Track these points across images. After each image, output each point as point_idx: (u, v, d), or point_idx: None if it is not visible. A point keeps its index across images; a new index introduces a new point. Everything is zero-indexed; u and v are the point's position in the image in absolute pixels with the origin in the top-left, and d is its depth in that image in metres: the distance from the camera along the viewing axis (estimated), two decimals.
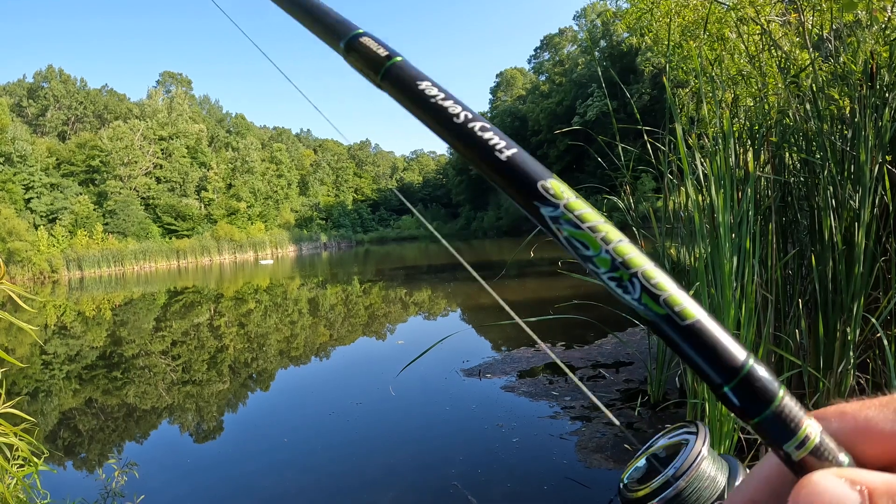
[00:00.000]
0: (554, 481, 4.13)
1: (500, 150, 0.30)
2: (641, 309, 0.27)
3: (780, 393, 0.26)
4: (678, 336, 0.27)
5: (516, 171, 0.30)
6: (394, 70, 0.34)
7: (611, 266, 0.27)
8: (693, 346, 0.27)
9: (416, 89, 0.33)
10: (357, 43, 0.37)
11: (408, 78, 0.34)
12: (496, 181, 0.30)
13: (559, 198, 0.29)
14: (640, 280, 0.27)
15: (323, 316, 14.68)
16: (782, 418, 0.26)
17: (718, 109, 3.87)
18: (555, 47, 74.73)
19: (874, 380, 3.73)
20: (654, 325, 0.27)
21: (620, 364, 6.92)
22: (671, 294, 0.27)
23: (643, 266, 0.27)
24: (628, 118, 5.51)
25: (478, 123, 0.31)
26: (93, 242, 52.66)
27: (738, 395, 0.26)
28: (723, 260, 3.31)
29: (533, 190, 0.29)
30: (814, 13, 4.73)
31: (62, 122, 68.75)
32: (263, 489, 4.44)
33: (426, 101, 0.33)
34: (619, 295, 0.28)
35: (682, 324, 0.27)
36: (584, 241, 0.28)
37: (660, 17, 6.78)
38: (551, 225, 0.29)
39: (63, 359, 11.19)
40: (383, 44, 0.36)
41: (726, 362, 0.26)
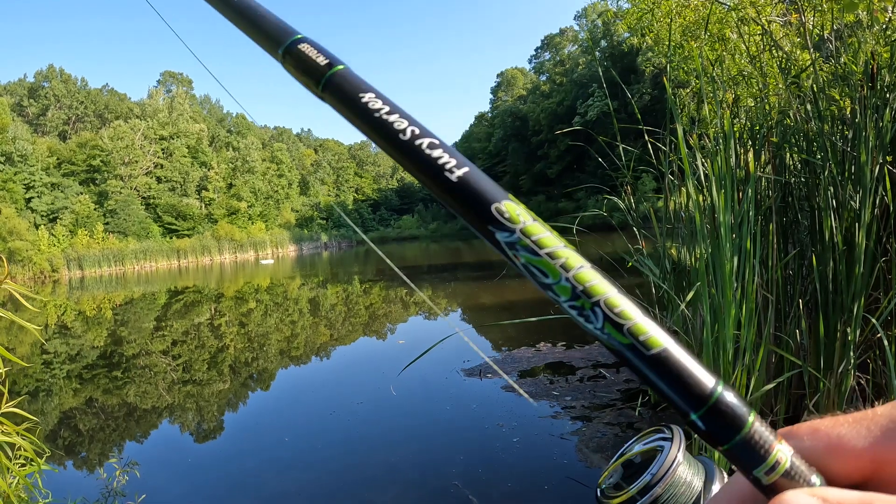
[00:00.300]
0: (554, 481, 4.14)
1: (450, 170, 0.28)
2: (605, 338, 0.26)
3: (749, 419, 0.26)
4: (644, 365, 0.26)
5: (468, 193, 0.27)
6: (335, 80, 0.31)
7: (571, 294, 0.26)
8: (659, 375, 0.26)
9: (358, 102, 0.30)
10: (296, 50, 0.34)
11: (350, 89, 0.31)
12: (447, 203, 0.28)
13: (515, 222, 0.27)
14: (602, 309, 0.26)
15: (323, 315, 14.68)
16: (752, 444, 0.25)
17: (719, 110, 3.87)
18: (555, 47, 74.75)
19: (874, 380, 3.74)
20: (618, 353, 0.26)
21: (621, 364, 6.91)
22: (636, 323, 0.26)
23: (606, 294, 0.26)
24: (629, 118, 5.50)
25: (426, 140, 0.29)
26: (93, 242, 52.70)
27: (706, 423, 0.26)
28: (723, 260, 3.31)
29: (487, 213, 0.27)
30: (815, 13, 4.73)
31: (63, 122, 68.78)
32: (264, 488, 4.45)
33: (370, 115, 0.30)
34: (582, 324, 0.27)
35: (648, 353, 0.26)
36: (542, 269, 0.26)
37: (661, 17, 6.78)
38: (507, 251, 0.27)
39: (63, 358, 11.20)
40: (324, 51, 0.33)
41: (694, 390, 0.26)
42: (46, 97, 68.00)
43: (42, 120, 67.38)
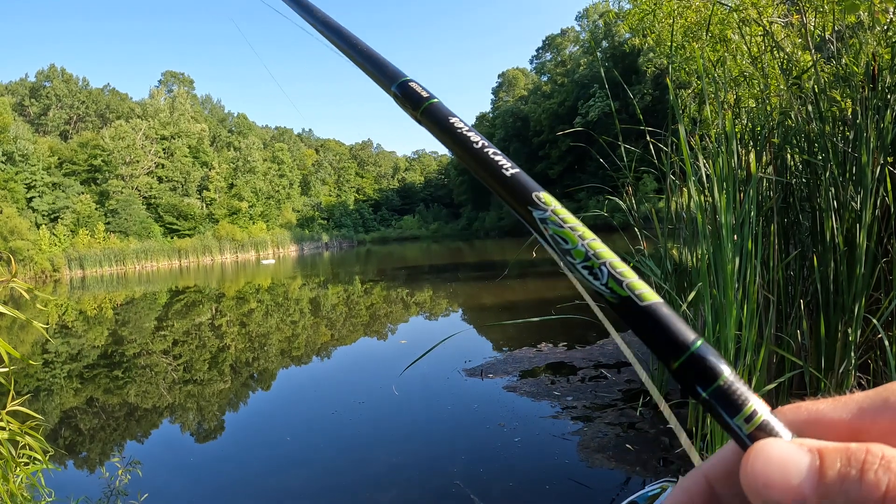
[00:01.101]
0: (556, 481, 4.14)
1: (506, 169, 0.39)
2: (607, 292, 0.32)
3: (725, 371, 0.29)
4: (637, 316, 0.31)
5: (517, 184, 0.38)
6: (431, 109, 0.45)
7: (584, 257, 0.34)
8: (649, 324, 0.31)
9: (447, 123, 0.43)
10: (405, 86, 0.48)
11: (441, 115, 0.44)
12: (500, 192, 0.38)
13: (548, 204, 0.36)
14: (607, 268, 0.33)
15: (325, 315, 14.69)
16: (728, 394, 0.28)
17: (721, 110, 3.88)
18: (557, 48, 74.68)
19: (875, 380, 3.74)
20: (617, 306, 0.32)
21: (622, 364, 6.93)
22: (633, 281, 0.32)
23: (611, 258, 0.33)
24: (630, 119, 5.51)
25: (491, 149, 0.40)
26: (94, 241, 52.74)
27: (686, 370, 0.29)
28: (725, 261, 3.31)
29: (529, 198, 0.37)
30: (816, 15, 4.73)
31: (64, 122, 68.83)
32: (266, 487, 4.46)
33: (454, 132, 0.42)
34: (590, 281, 0.33)
35: (641, 304, 0.31)
36: (564, 237, 0.35)
37: (662, 18, 6.79)
38: (539, 225, 0.36)
39: (65, 357, 11.21)
40: (424, 88, 0.47)
41: (677, 339, 0.30)
42: (48, 97, 68.05)
43: (43, 119, 67.43)
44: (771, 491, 0.25)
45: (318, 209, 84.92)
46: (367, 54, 0.55)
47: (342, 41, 0.59)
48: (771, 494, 0.25)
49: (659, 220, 5.15)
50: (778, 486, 0.25)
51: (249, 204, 70.57)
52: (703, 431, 4.03)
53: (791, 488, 0.24)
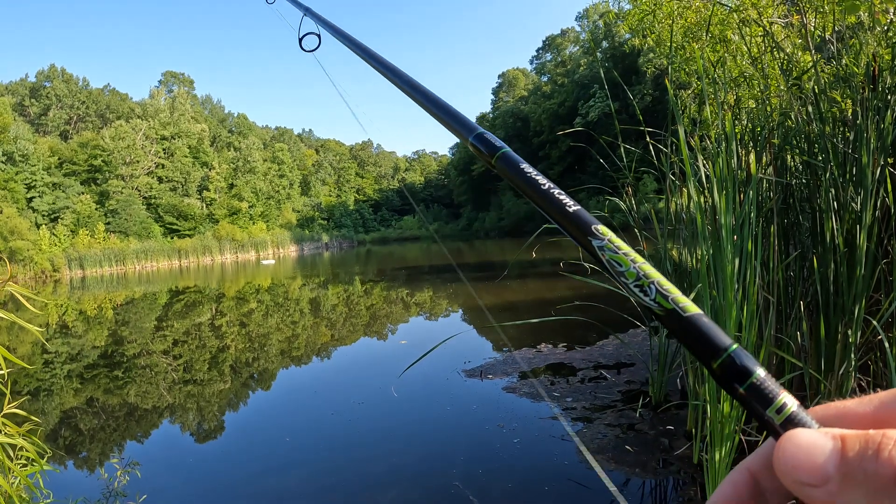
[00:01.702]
0: (555, 482, 4.14)
1: (568, 206, 0.46)
2: (656, 306, 0.38)
3: (758, 370, 0.34)
4: (681, 325, 0.37)
5: (580, 218, 0.45)
6: (504, 156, 0.53)
7: (636, 277, 0.40)
8: (691, 332, 0.36)
9: (518, 168, 0.51)
10: (482, 137, 0.58)
11: (513, 161, 0.52)
12: (565, 225, 0.45)
13: (605, 235, 0.43)
14: (655, 286, 0.39)
15: (325, 316, 14.69)
16: (762, 389, 0.33)
17: (721, 111, 3.87)
18: (557, 48, 74.69)
19: (875, 382, 3.74)
20: (663, 317, 0.38)
21: (622, 365, 6.93)
22: (677, 296, 0.38)
23: (658, 278, 0.39)
24: (630, 119, 5.51)
25: (555, 189, 0.47)
26: (94, 242, 52.76)
27: (724, 370, 0.34)
28: (725, 262, 3.31)
29: (589, 230, 0.44)
30: (816, 15, 4.73)
31: (64, 122, 68.88)
32: (266, 488, 4.45)
33: (524, 175, 0.50)
34: (640, 297, 0.39)
35: (685, 315, 0.37)
36: (619, 262, 0.41)
37: (662, 18, 6.78)
38: (598, 252, 0.42)
39: (64, 358, 11.20)
40: (495, 138, 0.57)
41: (716, 344, 0.35)
42: (48, 97, 68.09)
43: (43, 119, 67.46)
44: (799, 472, 0.28)
45: (319, 209, 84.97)
46: (446, 109, 0.67)
47: (427, 100, 0.72)
48: (799, 475, 0.28)
49: (659, 221, 5.14)
50: (805, 467, 0.28)
51: (249, 204, 70.61)
52: (702, 433, 4.02)
53: (817, 468, 0.28)
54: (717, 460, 3.27)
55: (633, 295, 0.40)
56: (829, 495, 0.27)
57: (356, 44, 1.08)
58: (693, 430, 4.51)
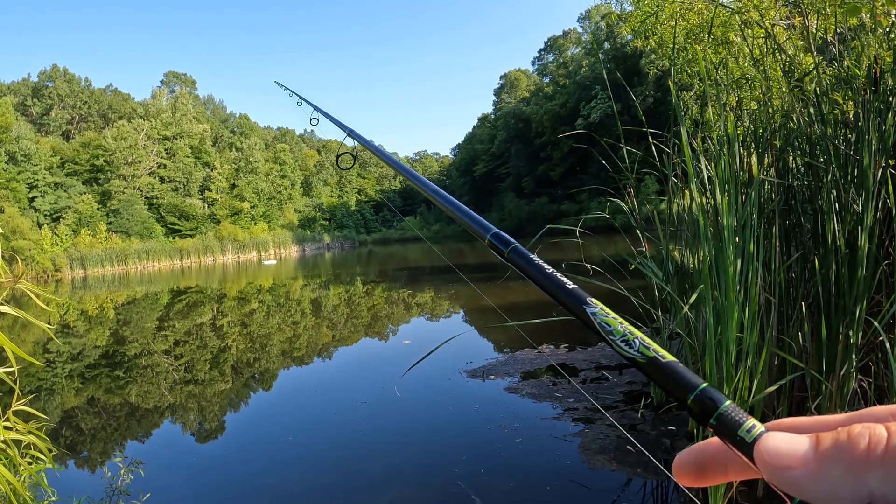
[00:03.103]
0: (557, 482, 4.15)
1: (568, 285, 0.54)
2: (638, 356, 0.45)
3: (725, 401, 0.38)
4: (660, 369, 0.43)
5: (576, 293, 0.52)
6: (515, 250, 0.63)
7: (622, 335, 0.47)
8: (668, 375, 0.42)
9: (528, 258, 0.60)
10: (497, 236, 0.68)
11: (523, 254, 0.62)
12: (565, 300, 0.53)
13: (597, 304, 0.51)
14: (638, 340, 0.46)
15: (326, 316, 14.70)
16: (730, 416, 0.37)
17: (723, 113, 3.88)
18: (559, 49, 74.71)
19: (876, 383, 3.74)
20: (644, 365, 0.44)
21: (624, 366, 6.93)
22: (656, 347, 0.44)
23: (640, 335, 0.46)
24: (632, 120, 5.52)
25: (558, 274, 0.56)
26: (96, 241, 52.79)
27: (697, 404, 0.39)
28: (726, 263, 3.32)
29: (584, 300, 0.51)
30: (818, 17, 4.73)
31: (66, 122, 68.92)
32: (268, 488, 4.46)
33: (533, 264, 0.59)
34: (626, 350, 0.46)
35: (663, 361, 0.43)
36: (608, 323, 0.49)
37: (664, 19, 6.79)
38: (591, 318, 0.50)
39: (66, 357, 11.22)
40: (507, 236, 0.67)
41: (689, 383, 0.40)
42: (50, 97, 68.13)
43: (45, 119, 67.51)
44: (782, 458, 0.32)
45: (320, 210, 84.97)
46: (466, 212, 0.79)
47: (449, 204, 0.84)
48: (782, 461, 0.32)
49: (661, 222, 5.15)
50: (786, 454, 0.32)
51: (251, 204, 70.63)
52: (704, 434, 4.02)
53: (798, 455, 0.31)
54: None
55: (619, 350, 0.47)
56: (811, 475, 0.31)
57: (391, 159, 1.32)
58: (695, 430, 4.52)
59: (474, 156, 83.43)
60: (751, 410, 3.74)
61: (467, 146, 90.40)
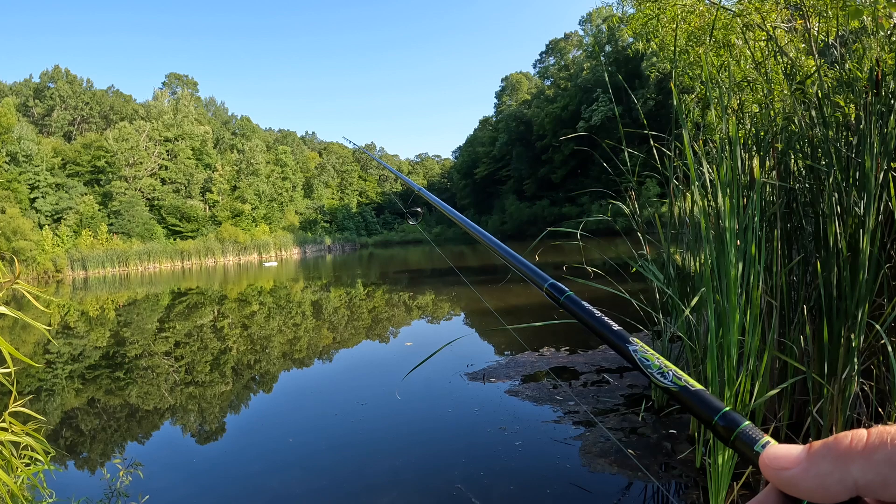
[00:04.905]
0: (557, 485, 4.13)
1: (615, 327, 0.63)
2: (671, 385, 0.53)
3: (744, 422, 0.45)
4: (689, 397, 0.51)
5: (621, 334, 0.62)
6: (569, 298, 0.74)
7: (658, 368, 0.55)
8: (697, 401, 0.50)
9: (580, 305, 0.70)
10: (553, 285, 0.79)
11: (576, 301, 0.72)
12: (612, 341, 0.62)
13: (637, 343, 0.59)
14: (672, 372, 0.54)
15: (327, 318, 14.69)
16: (749, 433, 0.44)
17: (724, 115, 3.87)
18: (560, 52, 74.78)
19: (878, 386, 3.73)
20: (676, 393, 0.52)
21: (625, 369, 6.92)
22: (686, 377, 0.52)
23: (674, 368, 0.54)
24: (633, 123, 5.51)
25: (605, 317, 0.66)
26: (97, 242, 52.84)
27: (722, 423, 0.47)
28: (728, 266, 3.31)
29: (628, 340, 0.60)
30: (819, 20, 4.73)
31: (68, 123, 69.02)
32: (268, 489, 4.45)
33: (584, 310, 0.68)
34: (660, 380, 0.54)
35: (692, 389, 0.51)
36: (647, 359, 0.57)
37: (666, 22, 6.79)
38: (632, 355, 0.59)
39: (66, 358, 11.22)
40: (561, 284, 0.77)
41: (714, 406, 0.48)
42: (52, 98, 68.23)
43: (47, 120, 67.61)
44: (779, 461, 0.38)
45: (321, 212, 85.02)
46: (525, 264, 0.91)
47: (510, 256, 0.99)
48: (779, 463, 0.38)
49: (662, 225, 5.14)
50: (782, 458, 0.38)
51: (252, 206, 70.68)
52: (705, 437, 4.02)
53: (793, 457, 0.37)
54: (720, 464, 3.27)
55: (655, 380, 0.54)
56: (803, 471, 0.36)
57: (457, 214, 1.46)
58: (696, 434, 4.51)
59: (475, 158, 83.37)
60: (752, 414, 3.73)
61: (468, 149, 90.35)
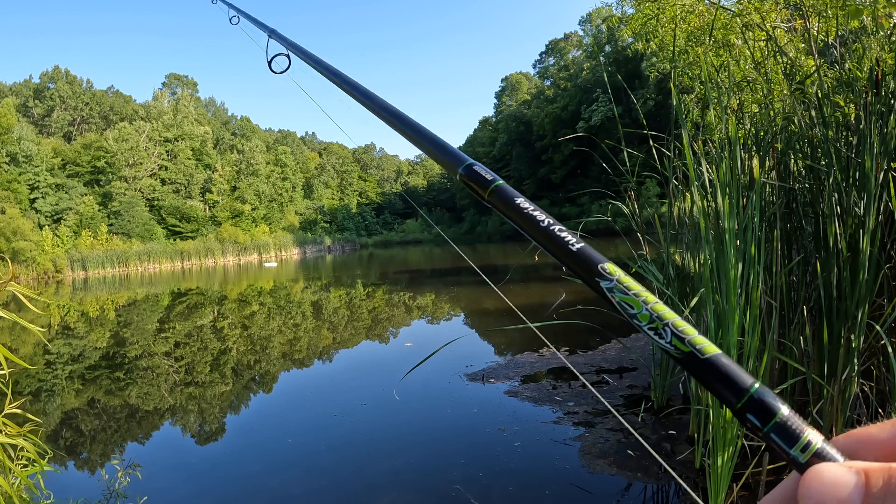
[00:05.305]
0: (556, 486, 4.13)
1: (572, 245, 0.43)
2: (672, 349, 0.37)
3: (782, 408, 0.33)
4: (700, 367, 0.36)
5: (584, 258, 0.42)
6: (497, 190, 0.50)
7: (649, 320, 0.38)
8: (711, 374, 0.35)
9: (514, 203, 0.48)
10: (471, 170, 0.55)
11: (508, 196, 0.49)
12: (569, 265, 0.43)
13: (613, 275, 0.40)
14: (670, 328, 0.37)
15: (327, 319, 14.69)
16: (786, 427, 0.32)
17: (724, 115, 3.87)
18: (560, 52, 74.79)
19: (878, 387, 3.73)
20: (681, 360, 0.36)
21: (624, 370, 6.91)
22: (694, 336, 0.36)
23: (673, 318, 0.37)
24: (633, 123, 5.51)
25: (557, 226, 0.45)
26: (97, 243, 52.84)
27: (748, 411, 0.33)
28: (728, 266, 3.30)
29: (595, 270, 0.41)
30: (819, 19, 4.73)
31: (68, 123, 68.99)
32: (268, 489, 4.45)
33: (521, 212, 0.47)
34: (656, 340, 0.37)
35: (703, 357, 0.35)
36: (630, 304, 0.39)
37: (665, 22, 6.78)
38: (607, 294, 0.40)
39: (66, 359, 11.22)
40: (488, 170, 0.53)
41: (737, 385, 0.34)
42: (52, 98, 68.21)
43: (47, 121, 67.60)
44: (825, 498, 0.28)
45: (321, 212, 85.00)
46: (433, 140, 0.64)
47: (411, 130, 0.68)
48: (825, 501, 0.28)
49: (662, 225, 5.14)
50: (830, 501, 0.28)
51: (252, 206, 70.68)
52: (704, 438, 4.01)
53: (842, 501, 0.28)
54: (720, 465, 3.26)
55: (648, 337, 0.38)
56: None
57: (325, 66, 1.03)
58: (695, 434, 4.50)
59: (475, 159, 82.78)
60: None
61: (468, 149, 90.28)
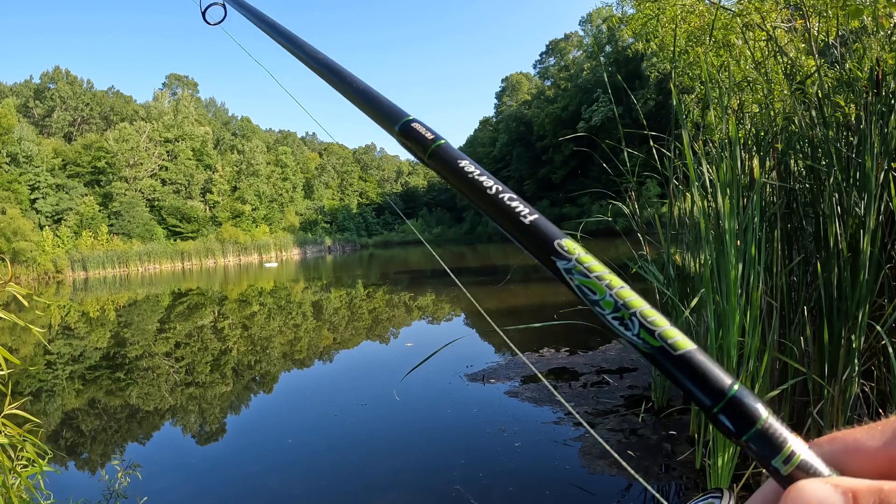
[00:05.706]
0: (556, 487, 4.12)
1: (524, 216, 0.36)
2: (640, 343, 0.32)
3: (764, 414, 0.29)
4: (672, 365, 0.31)
5: (537, 232, 0.36)
6: (439, 151, 0.43)
7: (614, 307, 0.32)
8: (684, 373, 0.30)
9: (457, 166, 0.41)
10: (409, 128, 0.46)
11: (450, 158, 0.42)
12: (520, 241, 0.36)
13: (571, 253, 0.34)
14: (638, 318, 0.32)
15: (327, 319, 14.69)
16: (768, 436, 0.29)
17: (724, 115, 3.86)
18: (560, 52, 74.79)
19: (879, 387, 3.72)
20: (650, 356, 0.31)
21: (624, 370, 6.91)
22: (665, 329, 0.31)
23: (641, 307, 0.32)
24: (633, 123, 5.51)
25: (506, 194, 0.38)
26: (98, 243, 52.87)
27: (725, 415, 0.29)
28: (728, 266, 3.30)
29: (550, 247, 0.35)
30: (820, 20, 4.72)
31: (68, 123, 69.02)
32: (268, 489, 4.44)
33: (465, 176, 0.40)
34: (622, 332, 0.32)
35: (675, 354, 0.31)
36: (591, 288, 0.33)
37: (665, 22, 6.78)
38: (565, 276, 0.34)
39: (67, 359, 11.21)
40: (430, 128, 0.45)
41: (714, 386, 0.30)
42: (52, 98, 68.23)
43: (48, 121, 67.62)
44: None
45: (322, 212, 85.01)
46: (365, 93, 0.53)
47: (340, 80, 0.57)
48: None
49: (662, 226, 5.13)
50: None
51: (252, 207, 70.69)
52: (705, 438, 4.01)
53: None
54: (720, 466, 3.26)
55: (612, 328, 0.33)
56: None
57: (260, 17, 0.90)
58: (696, 435, 4.50)
59: (476, 159, 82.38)
60: None
61: (468, 149, 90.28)
